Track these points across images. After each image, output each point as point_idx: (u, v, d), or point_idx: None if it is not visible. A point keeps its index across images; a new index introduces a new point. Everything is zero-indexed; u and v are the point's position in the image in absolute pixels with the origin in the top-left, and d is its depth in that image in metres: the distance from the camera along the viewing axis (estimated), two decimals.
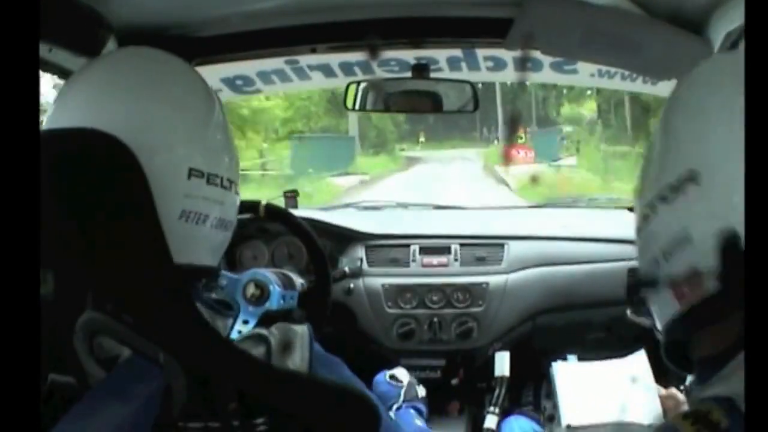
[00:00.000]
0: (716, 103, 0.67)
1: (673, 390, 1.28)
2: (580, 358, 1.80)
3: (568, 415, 1.50)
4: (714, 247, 0.62)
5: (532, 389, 1.99)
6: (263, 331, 0.82)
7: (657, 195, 0.68)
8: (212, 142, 0.82)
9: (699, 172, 0.64)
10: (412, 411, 1.34)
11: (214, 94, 0.86)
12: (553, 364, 1.73)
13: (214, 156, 0.81)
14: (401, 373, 1.45)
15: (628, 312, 0.78)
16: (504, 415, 1.72)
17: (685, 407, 1.04)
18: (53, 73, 1.26)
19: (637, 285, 0.72)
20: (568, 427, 1.47)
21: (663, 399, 1.28)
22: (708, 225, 0.63)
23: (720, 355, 0.63)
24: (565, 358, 1.81)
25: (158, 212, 0.72)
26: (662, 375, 1.54)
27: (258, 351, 0.79)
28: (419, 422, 1.30)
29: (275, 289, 1.49)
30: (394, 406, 1.36)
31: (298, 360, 0.79)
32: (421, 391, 1.43)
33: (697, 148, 0.66)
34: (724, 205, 0.62)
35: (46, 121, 0.79)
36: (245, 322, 1.45)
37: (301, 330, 0.82)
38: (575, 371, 1.71)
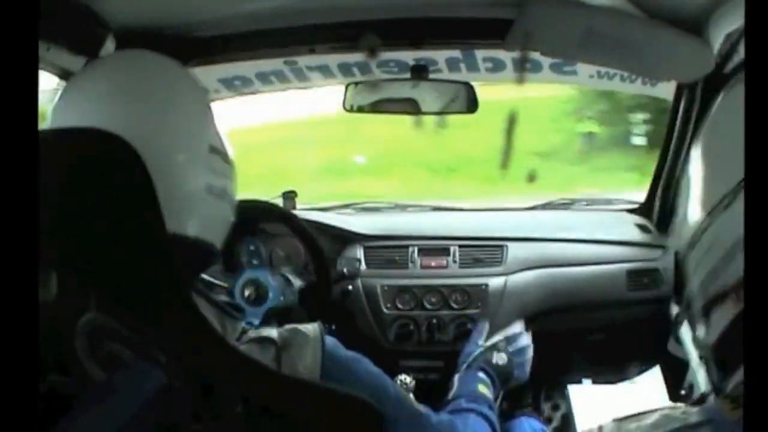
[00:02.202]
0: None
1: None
2: (595, 382, 1.81)
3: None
4: None
5: (530, 391, 1.99)
6: (271, 334, 0.82)
7: (715, 205, 0.67)
8: (217, 127, 0.87)
9: None
10: (480, 374, 1.29)
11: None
12: (569, 387, 1.73)
13: (221, 137, 0.87)
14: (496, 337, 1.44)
15: (669, 345, 0.76)
16: (505, 416, 1.72)
17: None
18: (51, 72, 1.25)
19: (712, 303, 0.69)
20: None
21: None
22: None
23: None
24: (579, 382, 1.82)
25: (187, 189, 0.78)
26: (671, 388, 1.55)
27: (266, 354, 0.79)
28: (483, 388, 1.23)
29: (273, 286, 1.49)
30: (464, 365, 1.35)
31: (309, 362, 0.79)
32: (501, 358, 1.38)
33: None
34: None
35: (51, 119, 0.82)
36: (249, 323, 1.45)
37: (313, 330, 0.82)
38: (590, 395, 1.71)
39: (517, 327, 1.44)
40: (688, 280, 0.74)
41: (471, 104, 1.70)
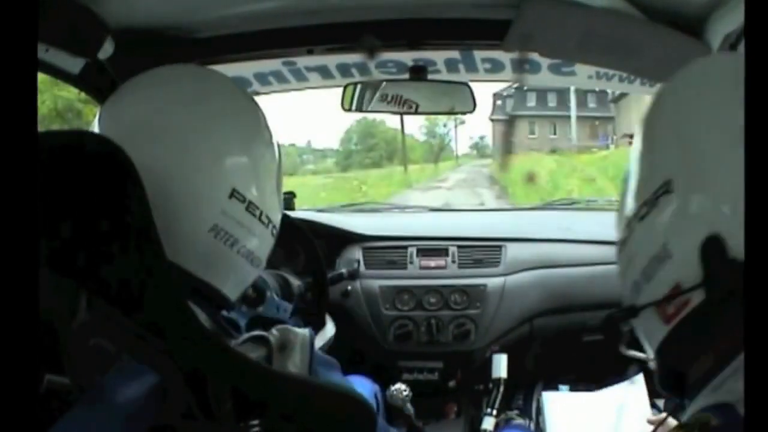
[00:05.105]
0: (685, 109, 0.66)
1: (663, 415, 1.26)
2: (572, 389, 1.81)
3: None
4: (695, 257, 0.60)
5: (523, 392, 1.99)
6: (264, 333, 0.82)
7: (633, 214, 0.66)
8: (262, 177, 0.85)
9: (671, 180, 0.62)
10: None
11: (270, 134, 0.88)
12: (544, 394, 1.73)
13: (260, 189, 0.83)
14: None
15: (621, 348, 0.76)
16: (499, 418, 1.72)
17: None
18: (50, 73, 1.25)
19: (619, 316, 0.69)
20: None
21: (652, 424, 1.26)
22: (687, 235, 0.61)
23: (709, 370, 0.62)
24: (556, 388, 1.81)
25: (191, 220, 0.77)
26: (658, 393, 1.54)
27: (258, 353, 0.79)
28: None
29: (272, 296, 1.50)
30: None
31: (298, 362, 0.79)
32: None
33: (668, 158, 0.64)
34: (701, 211, 0.60)
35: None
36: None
37: (302, 333, 0.82)
38: (566, 402, 1.70)
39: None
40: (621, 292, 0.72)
41: (469, 105, 1.70)
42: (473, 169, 25.55)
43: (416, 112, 1.76)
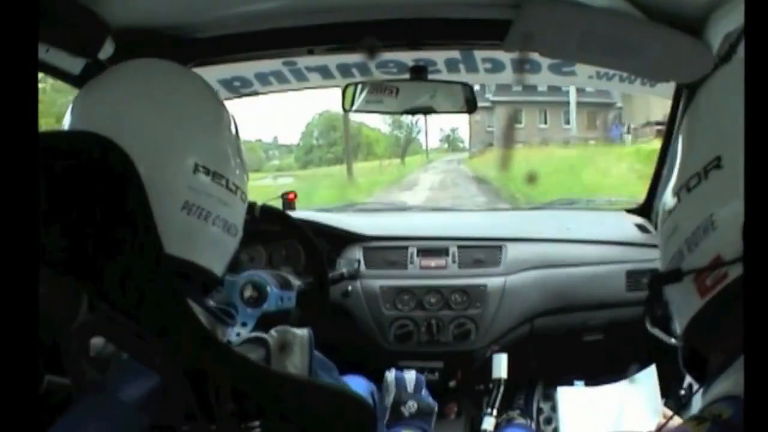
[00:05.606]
0: (739, 95, 0.67)
1: (668, 411, 1.26)
2: (587, 384, 1.80)
3: None
4: (738, 232, 0.61)
5: (524, 392, 1.99)
6: (263, 335, 0.82)
7: (682, 185, 0.68)
8: (220, 146, 0.86)
9: (721, 156, 0.64)
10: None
11: (224, 109, 0.90)
12: (559, 389, 1.73)
13: (221, 159, 0.84)
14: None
15: (647, 324, 0.77)
16: (500, 418, 1.72)
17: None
18: (50, 73, 1.25)
19: (660, 280, 0.71)
20: None
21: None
22: (731, 208, 0.62)
23: (725, 360, 0.63)
24: (571, 383, 1.81)
25: (162, 203, 0.76)
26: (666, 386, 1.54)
27: (257, 354, 0.79)
28: None
29: (272, 290, 1.50)
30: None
31: (297, 362, 0.79)
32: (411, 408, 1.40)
33: (720, 135, 0.66)
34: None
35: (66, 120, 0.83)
36: (243, 324, 1.45)
37: (302, 333, 0.83)
38: (580, 397, 1.70)
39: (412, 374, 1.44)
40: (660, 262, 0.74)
41: (469, 104, 1.70)
42: (448, 167, 22.13)
43: (416, 112, 1.76)
